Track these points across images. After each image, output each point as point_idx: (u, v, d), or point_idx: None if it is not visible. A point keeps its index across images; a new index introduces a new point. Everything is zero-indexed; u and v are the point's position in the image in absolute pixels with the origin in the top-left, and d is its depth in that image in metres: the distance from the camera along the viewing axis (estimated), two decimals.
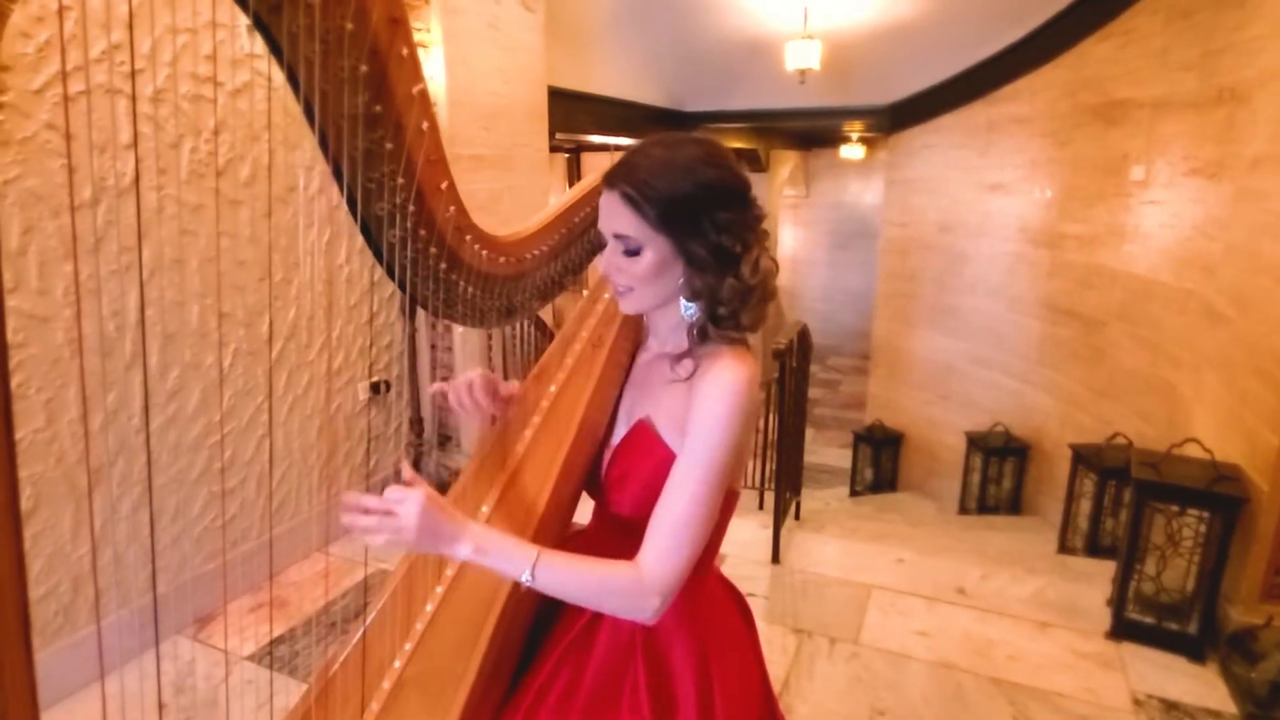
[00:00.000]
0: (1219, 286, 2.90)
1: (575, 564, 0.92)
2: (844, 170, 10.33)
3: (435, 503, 0.88)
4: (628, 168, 0.96)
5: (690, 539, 0.90)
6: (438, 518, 0.87)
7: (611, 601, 0.92)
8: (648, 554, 0.90)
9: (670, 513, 0.91)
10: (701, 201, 0.94)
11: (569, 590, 0.92)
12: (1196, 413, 2.93)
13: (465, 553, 0.88)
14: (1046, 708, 2.11)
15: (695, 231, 0.94)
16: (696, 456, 0.91)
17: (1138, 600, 2.41)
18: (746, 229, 0.97)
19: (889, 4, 4.47)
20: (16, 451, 0.70)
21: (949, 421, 5.32)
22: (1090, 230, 4.13)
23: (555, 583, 0.90)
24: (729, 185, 0.96)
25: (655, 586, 0.89)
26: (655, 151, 0.96)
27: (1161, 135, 3.55)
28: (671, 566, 0.89)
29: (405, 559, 1.08)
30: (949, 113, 5.32)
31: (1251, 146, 2.75)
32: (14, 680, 0.72)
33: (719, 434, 0.91)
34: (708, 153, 0.97)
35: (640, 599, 0.89)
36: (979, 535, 4.00)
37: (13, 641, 0.71)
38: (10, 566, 0.70)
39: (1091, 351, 4.08)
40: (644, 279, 0.97)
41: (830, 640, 2.39)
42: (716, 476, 0.91)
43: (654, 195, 0.93)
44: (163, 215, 2.25)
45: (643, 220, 0.94)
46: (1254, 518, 2.26)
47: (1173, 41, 3.47)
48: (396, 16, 0.86)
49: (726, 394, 0.91)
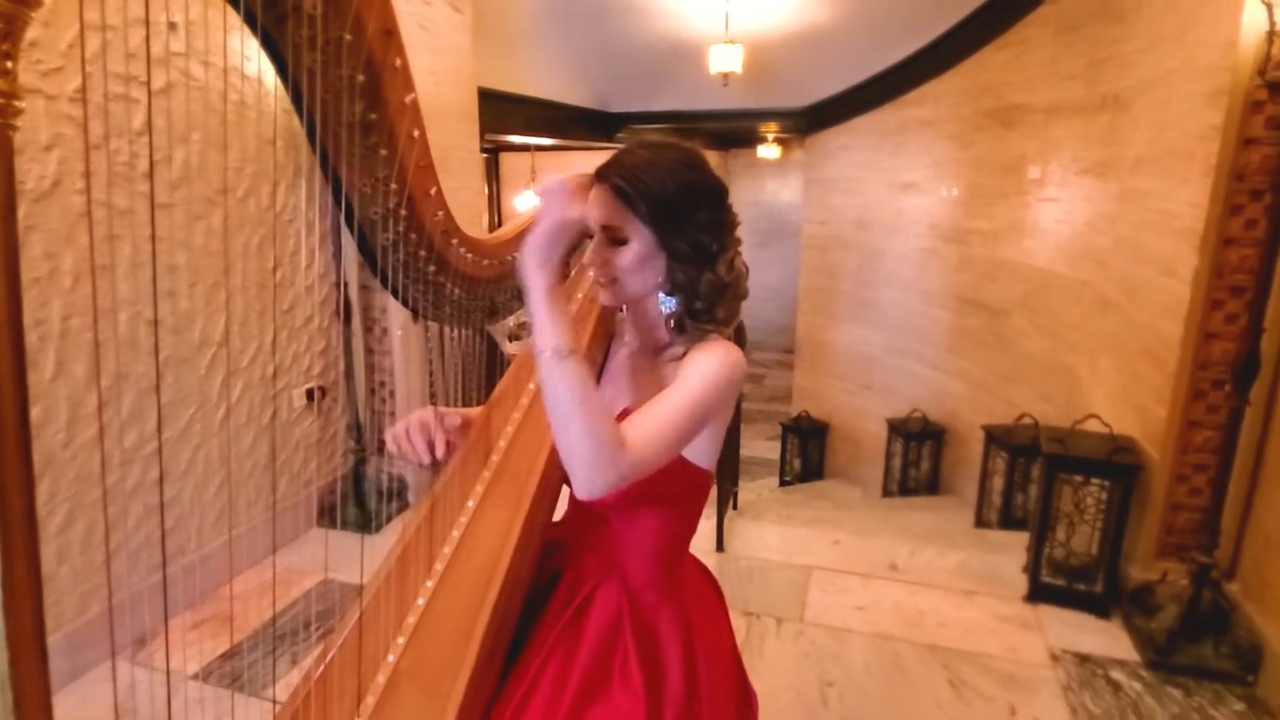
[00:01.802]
0: (1109, 277, 3.18)
1: (592, 386, 0.91)
2: (761, 170, 10.62)
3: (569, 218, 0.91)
4: (619, 165, 1.02)
5: (669, 439, 0.94)
6: (553, 238, 0.89)
7: (586, 444, 0.87)
8: (630, 433, 0.92)
9: (658, 410, 0.95)
10: (685, 200, 1.01)
11: (571, 396, 0.87)
12: (1094, 392, 3.20)
13: (539, 283, 0.89)
14: (975, 668, 2.28)
15: (678, 227, 1.01)
16: (686, 384, 0.97)
17: (1050, 565, 2.63)
18: (724, 230, 1.05)
19: (804, 10, 4.67)
20: (33, 459, 0.70)
21: (871, 410, 5.59)
22: (993, 226, 4.43)
23: (569, 381, 0.87)
24: (710, 188, 1.04)
25: (626, 459, 0.89)
26: (643, 153, 1.03)
27: (1054, 138, 3.85)
28: (642, 455, 0.91)
29: (397, 548, 1.10)
30: (862, 115, 5.58)
31: (1133, 149, 3.04)
32: (31, 687, 0.72)
33: (708, 376, 0.97)
34: (690, 157, 1.04)
35: (606, 463, 0.88)
36: (904, 515, 4.23)
37: (29, 647, 0.72)
38: (25, 573, 0.71)
39: (998, 339, 4.38)
40: (628, 270, 1.04)
41: (777, 620, 2.51)
42: (699, 406, 0.96)
43: (643, 190, 0.99)
44: (87, 220, 2.16)
45: (632, 213, 1.00)
46: (1148, 484, 2.51)
47: (1062, 52, 3.78)
48: (390, 28, 0.90)
49: (719, 358, 0.99)
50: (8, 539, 0.69)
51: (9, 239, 0.67)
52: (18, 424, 0.68)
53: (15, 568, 0.70)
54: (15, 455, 0.68)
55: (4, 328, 0.67)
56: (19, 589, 0.70)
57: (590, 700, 1.03)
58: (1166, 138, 2.69)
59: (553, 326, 0.88)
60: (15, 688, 0.71)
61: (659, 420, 0.94)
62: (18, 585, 0.70)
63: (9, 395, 0.67)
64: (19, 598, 0.70)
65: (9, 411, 0.68)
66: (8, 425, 0.68)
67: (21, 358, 0.68)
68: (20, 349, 0.68)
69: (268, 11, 0.80)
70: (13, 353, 0.67)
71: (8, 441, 0.68)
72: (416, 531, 1.12)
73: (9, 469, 0.68)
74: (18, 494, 0.69)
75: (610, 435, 0.89)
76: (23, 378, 0.69)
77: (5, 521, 0.68)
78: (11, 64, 0.65)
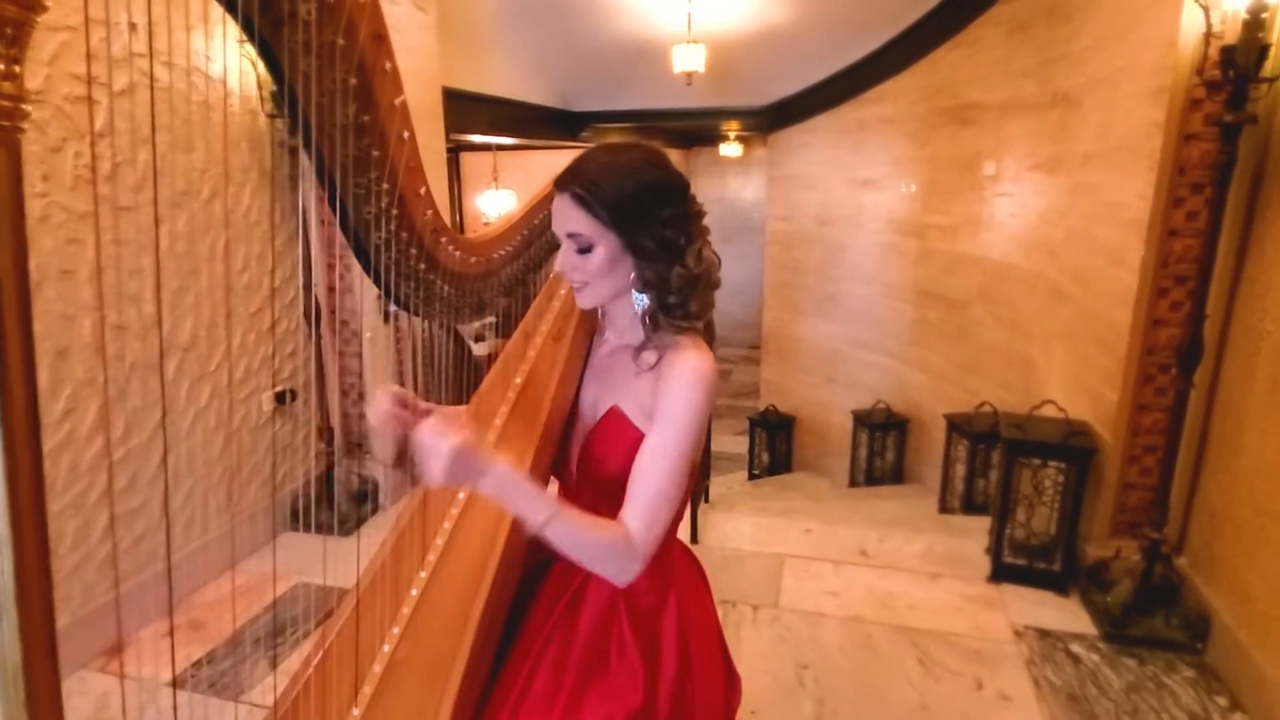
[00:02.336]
0: (1062, 268, 3.31)
1: (583, 521, 0.96)
2: (724, 167, 10.72)
3: (470, 441, 0.90)
4: (576, 172, 1.04)
5: (667, 511, 1.01)
6: (470, 455, 0.90)
7: (603, 558, 0.98)
8: (632, 522, 0.98)
9: (648, 488, 1.00)
10: (647, 199, 1.04)
11: (571, 542, 0.95)
12: (1049, 379, 3.33)
13: (491, 486, 0.91)
14: (943, 646, 2.37)
15: (642, 227, 1.04)
16: (668, 436, 1.01)
17: (1011, 546, 2.74)
18: (689, 223, 1.08)
19: (765, 11, 4.74)
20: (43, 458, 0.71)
21: (836, 402, 5.70)
22: (951, 221, 4.56)
23: (563, 533, 0.94)
24: (670, 184, 1.07)
25: (639, 551, 0.98)
26: (601, 157, 1.06)
27: (1008, 135, 3.98)
28: (653, 535, 0.99)
29: (391, 538, 1.12)
30: (823, 114, 5.68)
31: (1082, 145, 3.16)
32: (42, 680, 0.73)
33: (687, 418, 1.01)
34: (648, 156, 1.08)
35: (627, 561, 0.97)
36: (871, 504, 4.34)
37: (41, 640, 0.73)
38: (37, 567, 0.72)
39: (957, 330, 4.51)
40: (598, 274, 1.07)
41: (753, 607, 2.57)
42: (685, 454, 1.01)
43: (603, 195, 1.02)
44: (48, 224, 2.12)
45: (594, 219, 1.03)
46: (1101, 465, 2.63)
47: (1014, 51, 3.90)
48: (380, 33, 0.92)
49: (693, 382, 1.02)
50: (19, 534, 0.70)
51: (18, 241, 0.68)
52: (28, 420, 0.69)
53: (27, 561, 0.71)
54: (27, 450, 0.69)
55: (15, 326, 0.68)
56: (31, 583, 0.71)
57: (590, 681, 1.06)
58: (1114, 134, 2.81)
59: (524, 505, 0.93)
60: (28, 681, 0.72)
61: (653, 502, 0.99)
62: (30, 579, 0.71)
63: (20, 394, 0.68)
64: (31, 591, 0.71)
65: (19, 408, 0.69)
66: (19, 422, 0.69)
67: (32, 358, 0.69)
68: (30, 349, 0.69)
69: (264, 18, 0.81)
70: (23, 353, 0.68)
71: (19, 437, 0.69)
72: (410, 522, 1.14)
73: (20, 464, 0.69)
74: (29, 490, 0.70)
75: (618, 545, 0.96)
76: (33, 377, 0.70)
77: (17, 517, 0.69)
78: (19, 68, 0.65)
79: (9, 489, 0.69)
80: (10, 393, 0.69)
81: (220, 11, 0.81)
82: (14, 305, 0.69)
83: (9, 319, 0.69)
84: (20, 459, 0.69)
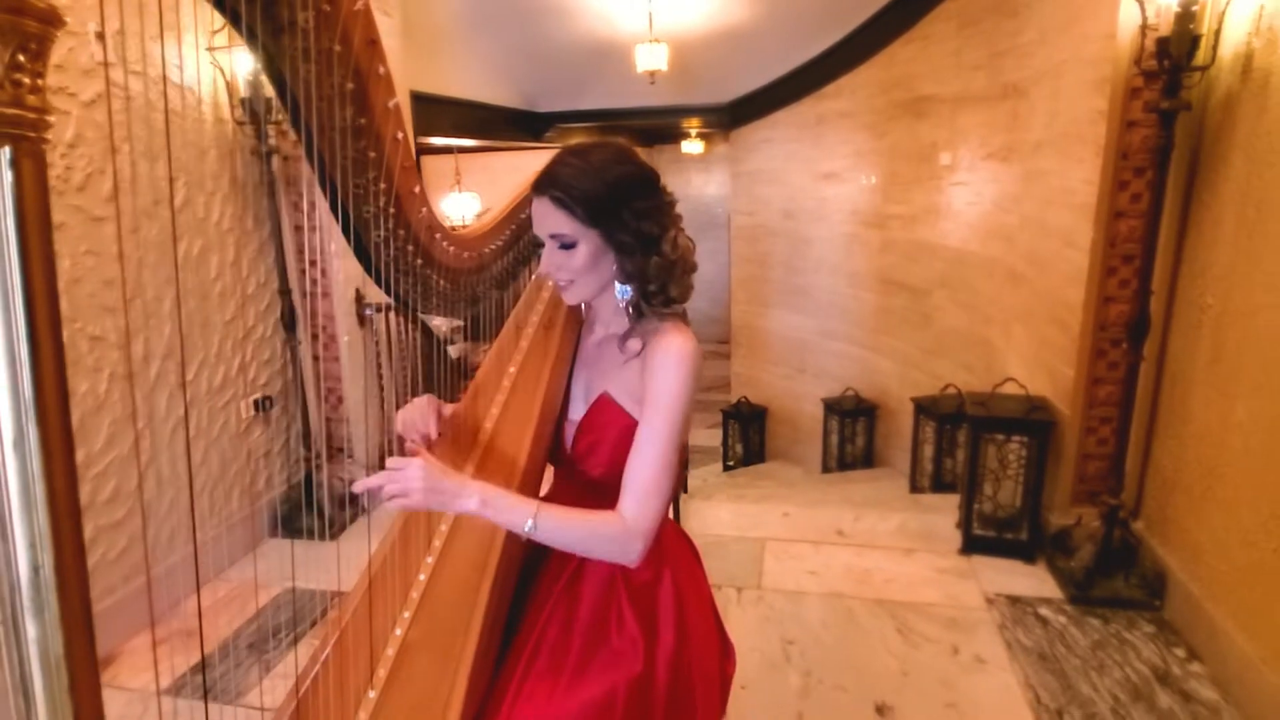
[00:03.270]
0: (1017, 252, 3.44)
1: (570, 515, 1.05)
2: (686, 164, 10.81)
3: (434, 464, 0.99)
4: (552, 175, 1.10)
5: (661, 491, 1.06)
6: (439, 476, 0.98)
7: (602, 547, 1.06)
8: (628, 507, 1.04)
9: (642, 471, 1.06)
10: (620, 195, 1.10)
11: (565, 538, 1.05)
12: (1009, 358, 3.47)
13: (472, 505, 0.99)
14: (920, 616, 2.47)
15: (619, 221, 1.10)
16: (658, 421, 1.07)
17: (980, 519, 2.85)
18: (661, 213, 1.15)
19: (725, 9, 4.83)
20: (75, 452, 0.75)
21: (806, 392, 5.82)
22: (911, 210, 4.69)
23: (553, 531, 1.02)
24: (641, 178, 1.13)
25: (638, 533, 1.04)
26: (573, 160, 1.11)
27: (962, 126, 4.12)
28: (649, 515, 1.05)
29: (396, 527, 1.17)
30: (783, 109, 5.79)
31: (1032, 133, 3.30)
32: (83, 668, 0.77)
33: (675, 400, 1.07)
34: (617, 153, 1.14)
35: (627, 544, 1.04)
36: (844, 488, 4.45)
37: (80, 630, 0.76)
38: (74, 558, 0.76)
39: (920, 317, 4.65)
40: (581, 271, 1.13)
41: (737, 589, 2.65)
42: (676, 436, 1.07)
43: (579, 195, 1.08)
44: None
45: (574, 218, 1.09)
46: (1061, 438, 2.75)
47: (964, 45, 4.04)
48: (373, 38, 0.97)
49: (678, 365, 1.08)
50: (58, 527, 0.73)
51: (45, 250, 0.71)
52: (62, 424, 0.73)
53: (66, 556, 0.75)
54: (62, 452, 0.73)
55: (48, 334, 0.71)
56: (70, 574, 0.75)
57: (592, 653, 1.12)
58: (1061, 122, 2.95)
59: (508, 516, 1.01)
60: (70, 669, 0.75)
61: (647, 484, 1.05)
62: (69, 573, 0.75)
63: (54, 400, 0.72)
64: (70, 584, 0.75)
65: (54, 413, 0.72)
66: (54, 426, 0.72)
67: (63, 366, 0.73)
68: (61, 357, 0.73)
69: (265, 25, 0.86)
70: (55, 361, 0.72)
71: (54, 440, 0.72)
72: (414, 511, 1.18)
73: (57, 465, 0.73)
74: (65, 489, 0.74)
75: (615, 533, 1.03)
76: (64, 384, 0.73)
77: (56, 514, 0.73)
78: (42, 81, 0.69)
79: (48, 488, 0.74)
80: (45, 398, 0.72)
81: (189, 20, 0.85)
82: (46, 314, 0.72)
83: (42, 327, 0.72)
84: (56, 460, 0.73)
